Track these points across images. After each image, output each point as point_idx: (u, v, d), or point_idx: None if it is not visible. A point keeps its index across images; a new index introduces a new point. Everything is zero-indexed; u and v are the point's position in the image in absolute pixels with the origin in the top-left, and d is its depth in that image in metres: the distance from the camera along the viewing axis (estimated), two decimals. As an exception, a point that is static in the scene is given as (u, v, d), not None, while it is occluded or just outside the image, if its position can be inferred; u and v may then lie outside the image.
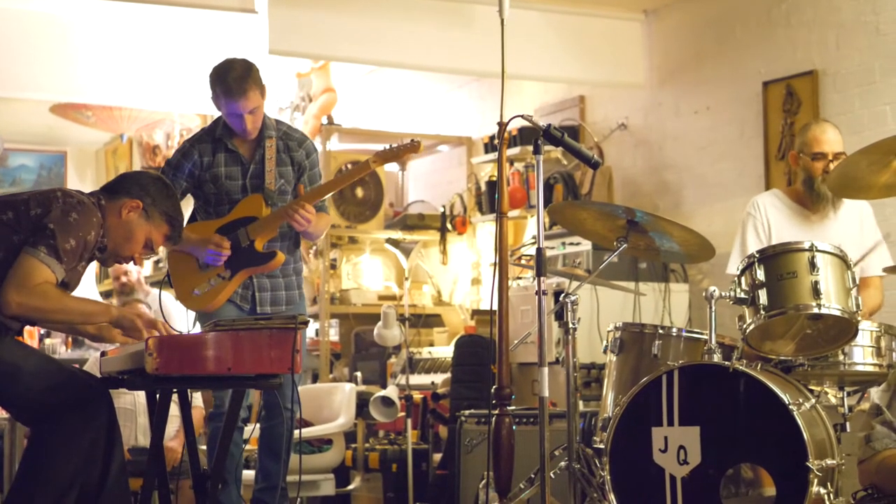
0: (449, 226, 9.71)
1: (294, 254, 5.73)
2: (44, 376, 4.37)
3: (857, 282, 4.89)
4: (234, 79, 5.44)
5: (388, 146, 5.69)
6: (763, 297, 4.81)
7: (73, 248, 4.37)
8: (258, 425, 5.77)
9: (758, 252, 4.94)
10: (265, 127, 5.61)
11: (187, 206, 5.74)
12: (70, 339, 8.99)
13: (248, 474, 6.07)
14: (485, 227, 9.62)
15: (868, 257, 5.63)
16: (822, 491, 4.35)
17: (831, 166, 5.49)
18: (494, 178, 8.98)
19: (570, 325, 5.24)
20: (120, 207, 4.57)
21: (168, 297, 6.45)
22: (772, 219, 5.66)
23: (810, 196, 5.63)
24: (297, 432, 5.63)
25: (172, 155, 5.74)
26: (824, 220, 5.65)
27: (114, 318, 4.53)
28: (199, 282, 5.57)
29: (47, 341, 8.99)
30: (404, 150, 5.60)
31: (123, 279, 8.62)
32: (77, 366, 5.15)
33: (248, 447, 5.85)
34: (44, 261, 4.31)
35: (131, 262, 4.78)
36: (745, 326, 4.88)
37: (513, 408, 5.58)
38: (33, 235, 4.34)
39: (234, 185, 5.60)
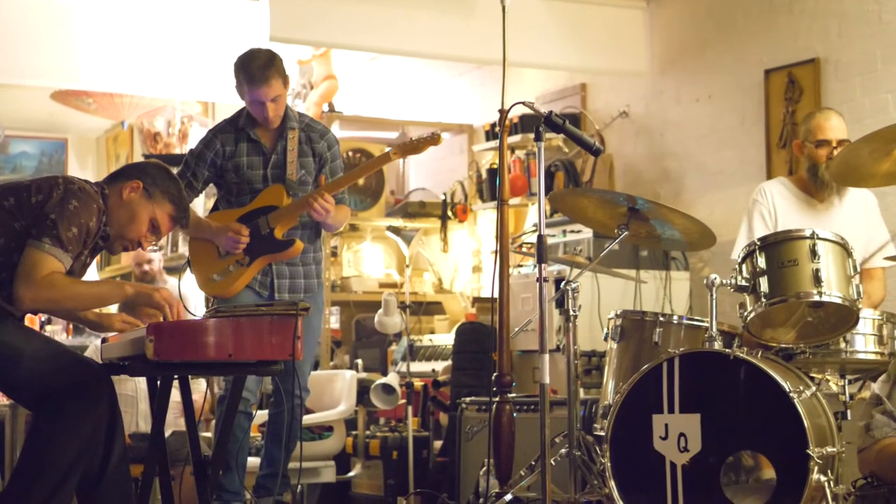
0: (450, 213, 9.71)
1: (315, 243, 5.78)
2: (45, 359, 4.37)
3: (859, 270, 4.89)
4: (257, 67, 5.51)
5: (409, 139, 5.73)
6: (764, 284, 4.81)
7: (75, 235, 4.37)
8: (265, 411, 5.79)
9: (759, 240, 4.94)
10: (288, 118, 5.66)
11: (210, 197, 5.77)
12: (71, 326, 8.99)
13: (254, 461, 6.08)
14: (486, 215, 9.62)
15: (872, 249, 5.63)
16: (823, 478, 4.36)
17: (835, 153, 5.49)
18: (495, 166, 8.98)
19: (571, 313, 5.25)
20: (120, 190, 4.58)
21: (184, 282, 6.52)
22: (778, 206, 5.67)
23: (814, 184, 5.63)
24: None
25: (195, 145, 5.79)
26: (830, 209, 5.65)
27: (130, 296, 4.51)
28: (219, 268, 5.65)
29: (48, 328, 8.99)
30: (425, 143, 5.65)
31: (146, 267, 8.62)
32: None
33: (251, 434, 5.87)
34: (49, 252, 4.31)
35: (139, 247, 4.76)
36: (745, 314, 4.88)
37: (513, 395, 5.59)
38: (35, 226, 4.34)
39: (256, 174, 5.64)
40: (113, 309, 5.34)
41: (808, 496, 4.35)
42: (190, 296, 7.10)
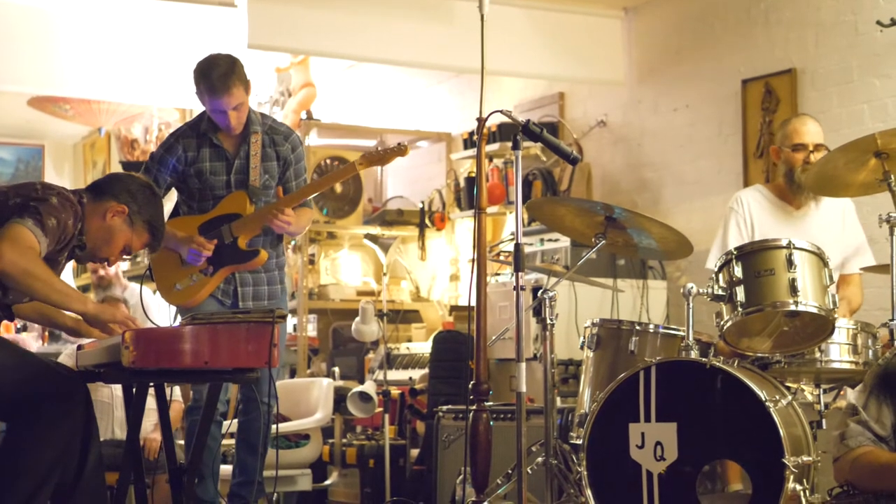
0: (428, 221, 9.71)
1: (277, 248, 5.73)
2: (19, 369, 4.34)
3: (835, 279, 4.91)
4: (217, 76, 5.42)
5: (375, 149, 5.70)
6: (740, 294, 4.81)
7: (54, 226, 4.34)
8: (235, 420, 5.76)
9: (735, 249, 4.94)
10: (251, 122, 5.61)
11: (170, 200, 5.73)
12: (46, 332, 8.95)
13: (226, 468, 6.06)
14: (463, 223, 9.63)
15: (849, 255, 5.65)
16: (798, 487, 4.36)
17: (812, 157, 5.53)
18: (473, 174, 8.98)
19: (548, 321, 5.24)
20: (105, 210, 4.55)
21: (148, 291, 6.49)
22: (754, 214, 5.68)
23: (791, 189, 5.65)
24: (273, 427, 5.62)
25: (156, 149, 5.73)
26: (806, 215, 5.67)
27: (89, 312, 4.44)
28: (182, 277, 5.59)
29: (23, 335, 8.95)
30: (391, 154, 5.61)
31: (101, 272, 8.54)
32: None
33: (224, 441, 5.85)
34: (32, 230, 4.27)
35: (105, 263, 4.76)
36: (722, 323, 4.89)
37: (490, 403, 5.58)
38: (17, 212, 4.31)
39: (219, 180, 5.59)
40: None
41: (784, 505, 4.36)
42: (152, 304, 7.05)
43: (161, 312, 7.28)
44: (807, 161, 5.54)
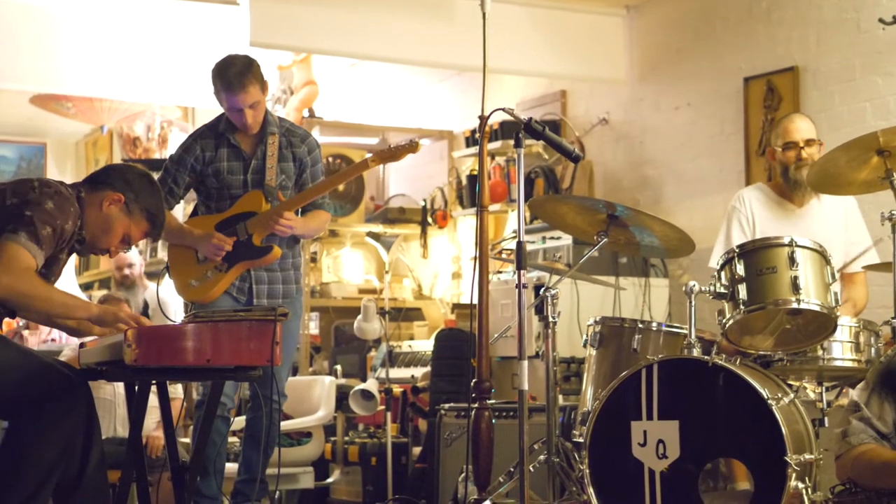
0: (430, 219, 9.71)
1: (293, 248, 5.77)
2: (20, 368, 4.33)
3: (837, 277, 4.91)
4: (234, 74, 5.50)
5: (387, 146, 5.73)
6: (742, 291, 4.82)
7: (49, 234, 4.34)
8: (243, 417, 5.78)
9: (737, 247, 4.95)
10: (268, 123, 5.66)
11: (189, 202, 5.76)
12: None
13: (231, 466, 6.06)
14: (465, 221, 9.63)
15: (852, 252, 5.64)
16: (800, 485, 4.36)
17: (803, 153, 5.56)
18: (475, 172, 8.98)
19: (550, 319, 5.25)
20: (101, 199, 4.55)
21: (163, 289, 6.50)
22: (756, 212, 5.69)
23: (789, 186, 5.67)
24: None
25: (176, 150, 5.79)
26: (808, 212, 5.68)
27: (94, 316, 4.46)
28: (197, 273, 5.65)
29: (25, 333, 8.93)
30: (403, 151, 5.64)
31: (126, 272, 8.53)
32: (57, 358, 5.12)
33: (229, 439, 5.86)
34: (25, 245, 4.27)
35: (106, 254, 4.75)
36: (724, 321, 4.89)
37: (492, 401, 5.58)
38: (12, 222, 4.31)
39: (236, 179, 5.64)
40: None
41: (786, 503, 4.36)
42: (169, 301, 7.09)
43: (179, 310, 7.30)
44: (799, 157, 5.58)
